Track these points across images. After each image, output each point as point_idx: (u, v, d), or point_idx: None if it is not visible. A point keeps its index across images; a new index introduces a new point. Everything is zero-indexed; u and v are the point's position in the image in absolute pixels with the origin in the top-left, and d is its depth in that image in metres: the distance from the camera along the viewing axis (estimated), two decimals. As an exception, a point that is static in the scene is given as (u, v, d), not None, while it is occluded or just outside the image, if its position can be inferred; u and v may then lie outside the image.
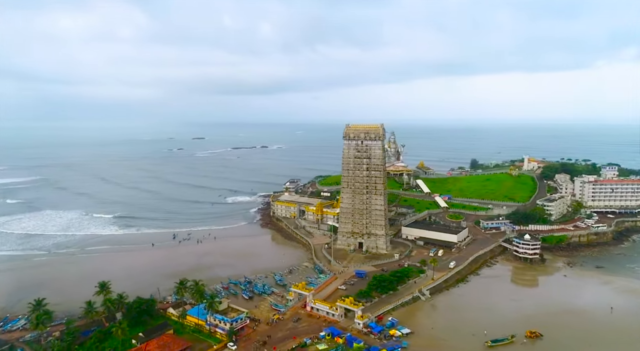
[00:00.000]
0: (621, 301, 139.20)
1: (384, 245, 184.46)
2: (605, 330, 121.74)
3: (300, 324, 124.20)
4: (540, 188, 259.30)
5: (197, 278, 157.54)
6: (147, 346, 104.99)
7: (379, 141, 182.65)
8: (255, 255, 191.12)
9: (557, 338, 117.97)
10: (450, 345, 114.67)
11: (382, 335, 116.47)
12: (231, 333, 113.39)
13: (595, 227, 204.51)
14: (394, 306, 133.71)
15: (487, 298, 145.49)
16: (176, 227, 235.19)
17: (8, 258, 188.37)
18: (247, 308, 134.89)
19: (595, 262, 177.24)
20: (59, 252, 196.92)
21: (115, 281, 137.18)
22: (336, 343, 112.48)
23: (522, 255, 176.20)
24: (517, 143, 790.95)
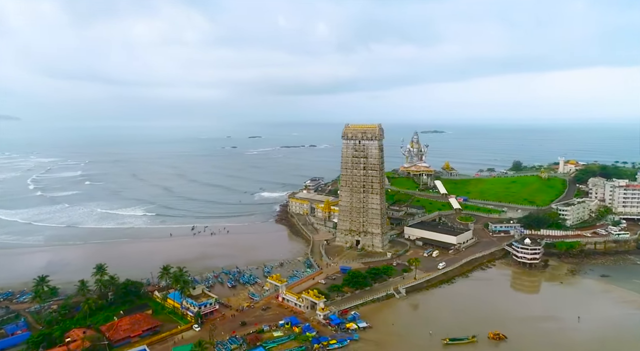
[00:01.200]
0: (607, 312, 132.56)
1: (380, 244, 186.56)
2: (570, 339, 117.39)
3: (268, 313, 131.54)
4: (569, 192, 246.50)
5: (196, 266, 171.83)
6: (119, 322, 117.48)
7: (376, 141, 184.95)
8: (258, 248, 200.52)
9: (522, 342, 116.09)
10: (404, 340, 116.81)
11: (338, 327, 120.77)
12: (198, 316, 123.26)
13: (616, 235, 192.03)
14: (363, 301, 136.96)
15: (464, 300, 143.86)
16: (199, 221, 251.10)
17: (46, 245, 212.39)
18: (227, 295, 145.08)
19: (604, 271, 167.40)
20: (90, 241, 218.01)
21: (123, 266, 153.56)
22: (292, 331, 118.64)
23: (521, 259, 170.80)
24: (587, 145, 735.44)
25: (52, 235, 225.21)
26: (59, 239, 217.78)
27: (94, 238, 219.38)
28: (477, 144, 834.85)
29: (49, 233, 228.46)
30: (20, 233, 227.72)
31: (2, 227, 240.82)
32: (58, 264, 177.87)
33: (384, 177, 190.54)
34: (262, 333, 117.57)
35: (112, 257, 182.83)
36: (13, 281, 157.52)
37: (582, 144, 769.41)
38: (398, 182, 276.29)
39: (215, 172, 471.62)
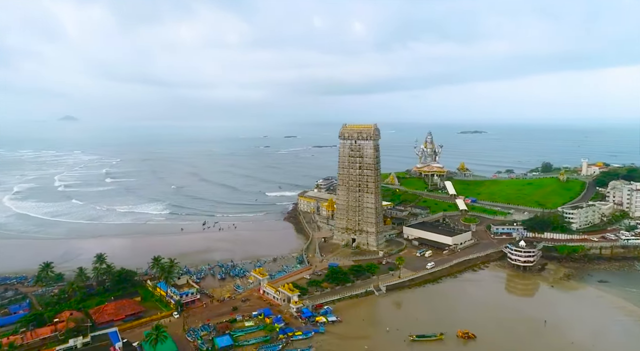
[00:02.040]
0: (588, 318, 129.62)
1: (374, 242, 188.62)
2: (531, 343, 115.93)
3: (246, 304, 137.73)
4: (586, 195, 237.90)
5: (196, 259, 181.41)
6: (105, 307, 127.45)
7: (371, 141, 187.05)
8: (259, 243, 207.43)
9: (489, 342, 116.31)
10: (369, 335, 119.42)
11: (308, 320, 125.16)
12: (178, 304, 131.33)
13: (625, 240, 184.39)
14: (340, 297, 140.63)
15: (443, 299, 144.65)
16: (213, 217, 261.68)
17: (65, 237, 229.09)
18: (214, 287, 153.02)
19: (604, 277, 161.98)
20: (105, 235, 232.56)
21: (129, 257, 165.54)
22: (263, 322, 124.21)
23: (515, 262, 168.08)
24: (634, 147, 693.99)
25: (72, 229, 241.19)
26: (78, 232, 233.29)
27: (110, 232, 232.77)
28: (514, 145, 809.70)
29: (69, 227, 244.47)
30: (43, 226, 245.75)
31: (27, 220, 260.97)
32: (72, 254, 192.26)
33: (379, 177, 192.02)
34: (234, 322, 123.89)
35: (122, 249, 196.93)
36: (29, 268, 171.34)
37: (629, 146, 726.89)
38: (408, 182, 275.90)
39: (241, 170, 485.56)
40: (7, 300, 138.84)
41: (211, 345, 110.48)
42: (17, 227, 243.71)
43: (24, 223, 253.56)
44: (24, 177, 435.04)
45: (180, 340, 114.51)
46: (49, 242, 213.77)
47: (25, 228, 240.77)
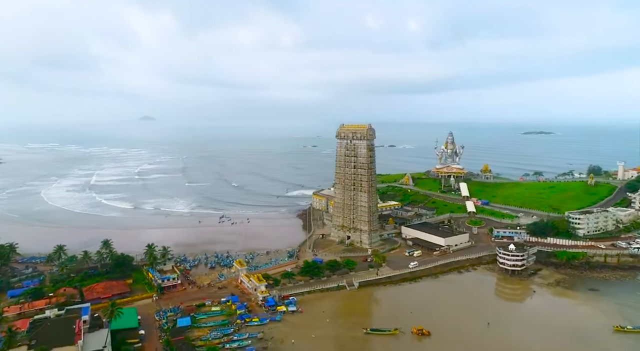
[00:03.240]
0: (545, 324, 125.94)
1: (367, 240, 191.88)
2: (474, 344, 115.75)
3: (222, 291, 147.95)
4: (611, 200, 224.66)
5: (199, 249, 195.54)
6: (96, 286, 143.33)
7: (364, 141, 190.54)
8: (263, 237, 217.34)
9: (443, 339, 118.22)
10: (323, 326, 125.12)
11: (270, 308, 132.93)
12: (159, 288, 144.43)
13: (635, 249, 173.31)
14: (310, 289, 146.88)
15: (413, 297, 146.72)
16: (233, 211, 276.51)
17: (94, 226, 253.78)
18: (201, 274, 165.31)
19: (598, 285, 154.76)
20: (127, 226, 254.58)
21: (139, 245, 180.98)
22: (229, 307, 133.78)
23: (503, 265, 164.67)
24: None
25: (101, 220, 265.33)
26: (105, 222, 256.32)
27: (134, 223, 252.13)
28: (578, 148, 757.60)
29: (100, 218, 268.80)
30: (77, 217, 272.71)
31: (63, 214, 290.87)
32: (96, 239, 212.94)
33: (373, 176, 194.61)
34: (202, 306, 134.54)
35: (137, 237, 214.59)
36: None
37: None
38: (423, 183, 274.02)
39: (278, 167, 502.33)
40: (25, 276, 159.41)
41: (173, 324, 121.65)
42: (57, 217, 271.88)
43: (62, 215, 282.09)
44: (80, 171, 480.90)
45: (150, 318, 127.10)
46: (76, 230, 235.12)
47: (63, 219, 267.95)
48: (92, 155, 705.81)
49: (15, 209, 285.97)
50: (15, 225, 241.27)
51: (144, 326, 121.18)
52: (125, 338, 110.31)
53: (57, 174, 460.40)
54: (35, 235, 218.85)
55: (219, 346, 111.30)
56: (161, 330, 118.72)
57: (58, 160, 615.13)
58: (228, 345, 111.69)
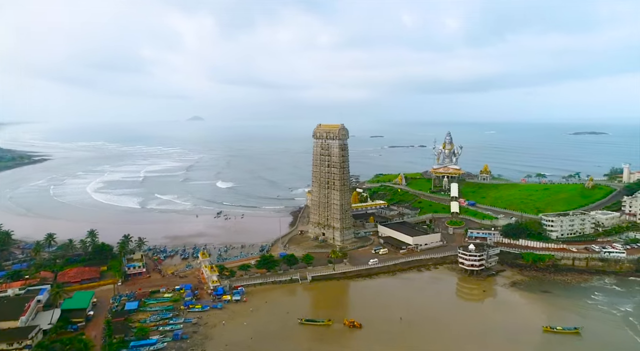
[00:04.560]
0: (472, 320, 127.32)
1: (339, 237, 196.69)
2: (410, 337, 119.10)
3: (182, 280, 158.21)
4: (604, 203, 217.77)
5: (184, 241, 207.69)
6: (69, 271, 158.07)
7: (336, 140, 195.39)
8: (248, 232, 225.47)
9: (373, 332, 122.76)
10: (260, 315, 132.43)
11: (216, 297, 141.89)
12: (124, 274, 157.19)
13: (606, 253, 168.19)
14: (262, 281, 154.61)
15: (360, 292, 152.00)
16: (232, 207, 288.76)
17: (96, 220, 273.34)
18: (172, 264, 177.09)
19: (554, 287, 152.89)
20: (128, 220, 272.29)
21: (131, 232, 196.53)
22: (179, 294, 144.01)
23: (461, 265, 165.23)
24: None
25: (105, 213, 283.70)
26: (108, 215, 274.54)
27: (135, 217, 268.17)
28: (629, 150, 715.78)
29: (104, 212, 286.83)
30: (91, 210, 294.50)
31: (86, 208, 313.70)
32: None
33: (346, 175, 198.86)
34: (156, 293, 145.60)
35: (131, 229, 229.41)
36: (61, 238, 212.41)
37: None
38: (416, 183, 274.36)
39: (291, 167, 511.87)
40: (17, 260, 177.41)
41: (121, 307, 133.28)
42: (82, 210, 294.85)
43: (69, 208, 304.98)
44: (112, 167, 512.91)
45: (107, 301, 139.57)
46: (78, 223, 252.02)
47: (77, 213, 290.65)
48: (130, 153, 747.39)
49: (25, 202, 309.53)
50: (21, 216, 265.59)
51: (98, 308, 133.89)
52: (72, 318, 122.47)
53: (88, 170, 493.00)
54: (41, 226, 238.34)
55: (152, 328, 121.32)
56: (109, 312, 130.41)
57: (98, 157, 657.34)
58: (161, 328, 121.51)
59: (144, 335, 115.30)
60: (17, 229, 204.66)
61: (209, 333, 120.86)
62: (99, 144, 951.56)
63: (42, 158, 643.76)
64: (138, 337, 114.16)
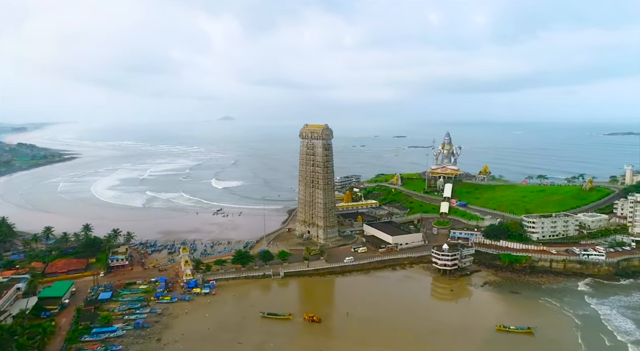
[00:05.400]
0: (428, 318, 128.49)
1: (323, 235, 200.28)
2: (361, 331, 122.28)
3: (161, 273, 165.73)
4: (597, 205, 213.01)
5: (178, 236, 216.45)
6: (57, 262, 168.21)
7: (320, 140, 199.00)
8: (239, 229, 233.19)
9: (330, 326, 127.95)
10: (224, 307, 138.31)
11: (188, 289, 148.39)
12: (106, 266, 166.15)
13: (584, 256, 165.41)
14: (235, 276, 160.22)
15: (327, 288, 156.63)
16: (232, 205, 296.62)
17: (103, 217, 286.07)
18: (158, 257, 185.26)
19: (524, 289, 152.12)
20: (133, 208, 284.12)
21: (136, 229, 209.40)
22: (154, 286, 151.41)
23: (435, 264, 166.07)
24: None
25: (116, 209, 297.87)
26: (112, 212, 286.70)
27: (137, 213, 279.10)
28: None
29: (108, 207, 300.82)
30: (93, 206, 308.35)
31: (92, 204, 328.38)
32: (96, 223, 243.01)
33: (330, 174, 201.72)
34: (132, 284, 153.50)
35: (131, 224, 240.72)
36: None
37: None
38: (412, 184, 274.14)
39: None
40: (16, 251, 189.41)
41: (96, 297, 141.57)
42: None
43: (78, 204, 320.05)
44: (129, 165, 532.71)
45: (85, 291, 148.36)
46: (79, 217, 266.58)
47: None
48: (153, 152, 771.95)
49: (33, 198, 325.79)
50: (27, 210, 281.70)
51: (76, 297, 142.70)
52: (46, 305, 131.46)
53: (107, 169, 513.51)
54: (43, 220, 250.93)
55: (119, 316, 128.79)
56: (84, 300, 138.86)
57: (122, 156, 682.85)
58: (127, 317, 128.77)
59: (107, 322, 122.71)
60: (21, 222, 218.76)
61: (170, 322, 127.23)
62: (127, 143, 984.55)
63: (71, 157, 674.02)
64: (102, 324, 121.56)
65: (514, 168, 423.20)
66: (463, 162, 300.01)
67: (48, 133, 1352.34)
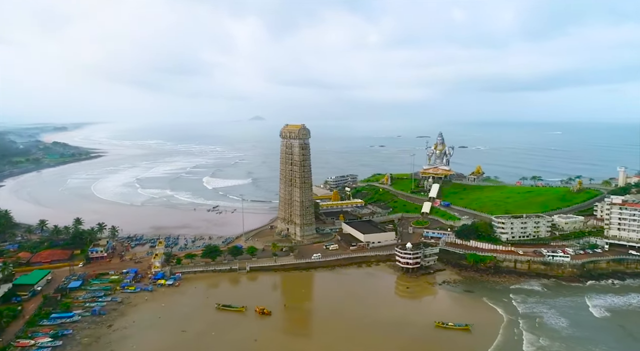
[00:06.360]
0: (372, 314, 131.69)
1: (300, 232, 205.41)
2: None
3: (137, 264, 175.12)
4: (579, 207, 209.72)
5: (167, 231, 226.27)
6: (43, 252, 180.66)
7: (297, 140, 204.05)
8: (226, 225, 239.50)
9: (280, 318, 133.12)
10: (182, 298, 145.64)
11: (154, 281, 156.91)
12: (85, 257, 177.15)
13: (549, 257, 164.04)
14: (203, 269, 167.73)
15: (287, 283, 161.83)
16: (232, 202, 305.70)
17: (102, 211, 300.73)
18: (138, 251, 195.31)
19: (481, 288, 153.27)
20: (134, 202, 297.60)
21: (131, 223, 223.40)
22: (123, 277, 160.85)
23: (397, 263, 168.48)
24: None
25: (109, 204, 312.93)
26: (111, 208, 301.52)
27: (134, 209, 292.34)
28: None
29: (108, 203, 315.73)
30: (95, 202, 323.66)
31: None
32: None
33: (307, 173, 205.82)
34: (104, 274, 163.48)
35: (132, 217, 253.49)
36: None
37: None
38: (401, 184, 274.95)
39: (323, 166, 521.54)
40: (13, 241, 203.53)
41: (67, 285, 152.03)
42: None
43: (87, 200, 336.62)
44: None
45: (61, 279, 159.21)
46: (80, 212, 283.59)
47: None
48: (176, 150, 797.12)
49: (40, 193, 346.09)
50: (33, 205, 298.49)
51: (50, 285, 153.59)
52: (19, 291, 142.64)
53: (124, 167, 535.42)
54: (42, 213, 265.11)
55: (82, 303, 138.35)
56: (55, 288, 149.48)
57: (145, 155, 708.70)
58: (88, 304, 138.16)
59: (67, 309, 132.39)
60: (23, 215, 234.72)
61: (127, 311, 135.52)
62: (154, 143, 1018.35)
63: (98, 155, 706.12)
64: (62, 311, 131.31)
65: (527, 169, 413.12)
66: (468, 162, 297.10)
67: (85, 133, 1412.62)
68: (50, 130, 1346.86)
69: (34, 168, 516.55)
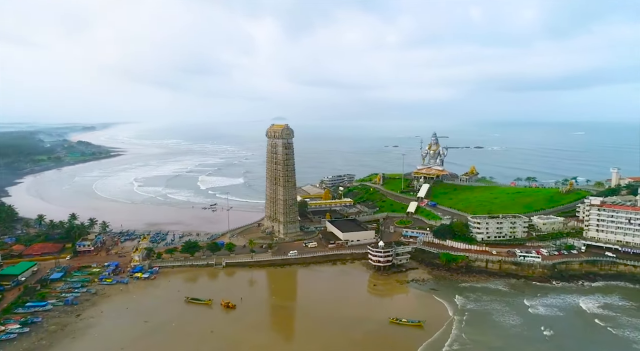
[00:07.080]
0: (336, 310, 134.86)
1: (283, 230, 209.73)
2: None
3: (120, 258, 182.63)
4: (568, 208, 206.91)
5: (160, 227, 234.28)
6: (35, 245, 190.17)
7: (280, 139, 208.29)
8: (218, 223, 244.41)
9: (244, 312, 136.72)
10: (157, 291, 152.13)
11: (131, 274, 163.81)
12: (73, 250, 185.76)
13: (521, 257, 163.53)
14: (180, 264, 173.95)
15: (259, 278, 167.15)
16: (230, 201, 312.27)
17: (105, 207, 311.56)
18: (132, 246, 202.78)
19: (446, 286, 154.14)
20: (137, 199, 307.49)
21: (127, 219, 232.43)
22: (103, 269, 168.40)
23: (370, 261, 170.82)
24: None
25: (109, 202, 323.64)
26: (110, 205, 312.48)
27: (134, 206, 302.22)
28: None
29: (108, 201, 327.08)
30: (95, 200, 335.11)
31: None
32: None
33: (290, 172, 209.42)
34: (87, 267, 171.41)
35: (128, 213, 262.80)
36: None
37: None
38: (392, 183, 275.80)
39: (311, 166, 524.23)
40: (13, 235, 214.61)
41: (49, 276, 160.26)
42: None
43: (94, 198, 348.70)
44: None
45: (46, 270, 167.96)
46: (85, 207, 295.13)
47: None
48: (192, 150, 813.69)
49: (44, 191, 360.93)
50: (39, 201, 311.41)
51: (34, 276, 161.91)
52: (2, 281, 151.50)
53: (139, 164, 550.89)
54: (43, 209, 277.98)
55: (59, 294, 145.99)
56: (38, 280, 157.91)
57: (161, 154, 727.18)
58: (64, 294, 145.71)
59: (42, 298, 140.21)
60: (27, 211, 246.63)
61: (99, 301, 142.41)
62: (172, 142, 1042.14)
63: (117, 154, 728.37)
64: (37, 300, 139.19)
65: (531, 170, 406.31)
66: (468, 162, 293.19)
67: (111, 132, 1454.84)
68: (79, 130, 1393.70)
69: (54, 166, 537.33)
